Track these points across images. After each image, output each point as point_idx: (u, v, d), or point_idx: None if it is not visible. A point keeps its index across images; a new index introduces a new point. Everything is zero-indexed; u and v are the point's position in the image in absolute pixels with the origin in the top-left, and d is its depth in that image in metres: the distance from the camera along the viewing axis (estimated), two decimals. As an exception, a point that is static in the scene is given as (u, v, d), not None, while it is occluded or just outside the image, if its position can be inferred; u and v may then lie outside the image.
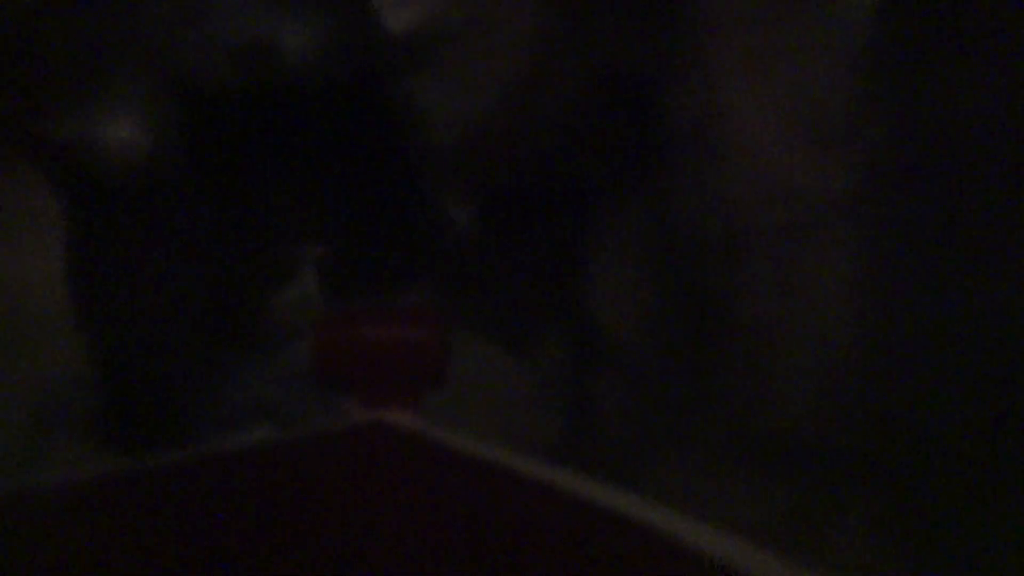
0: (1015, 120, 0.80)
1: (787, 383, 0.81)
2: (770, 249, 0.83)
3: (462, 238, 0.85)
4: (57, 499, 0.46)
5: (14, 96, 0.75)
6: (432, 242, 0.85)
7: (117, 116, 0.78)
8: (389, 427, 0.55)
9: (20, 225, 0.75)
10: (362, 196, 0.84)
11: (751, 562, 0.44)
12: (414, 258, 0.84)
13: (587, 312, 0.84)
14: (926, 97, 0.83)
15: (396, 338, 0.61)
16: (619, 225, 0.85)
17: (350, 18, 0.83)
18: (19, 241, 0.75)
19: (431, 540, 0.44)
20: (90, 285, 0.78)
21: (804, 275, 0.82)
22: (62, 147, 0.76)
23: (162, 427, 0.78)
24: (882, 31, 0.83)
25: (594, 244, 0.84)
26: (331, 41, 0.82)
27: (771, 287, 0.83)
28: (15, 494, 0.45)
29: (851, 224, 0.82)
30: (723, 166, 0.86)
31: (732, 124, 0.87)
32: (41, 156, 0.76)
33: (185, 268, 0.80)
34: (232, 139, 0.81)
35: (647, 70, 0.86)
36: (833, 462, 0.81)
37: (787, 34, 0.84)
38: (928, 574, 0.77)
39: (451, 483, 0.49)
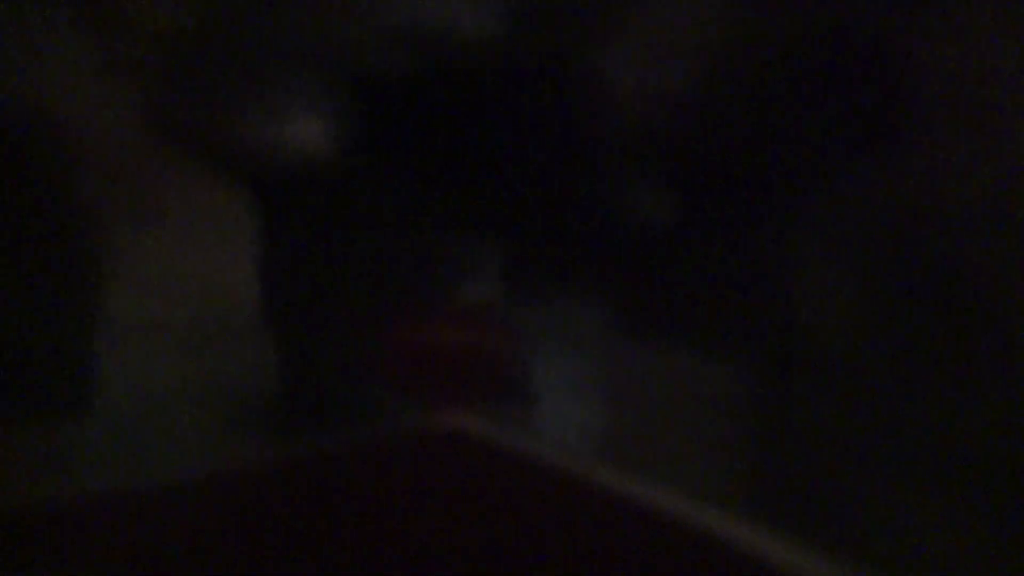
0: None
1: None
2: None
3: (654, 229, 0.74)
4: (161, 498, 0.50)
5: (199, 98, 0.73)
6: (621, 235, 0.75)
7: (295, 112, 0.74)
8: (460, 433, 0.55)
9: (208, 227, 0.73)
10: (544, 187, 0.75)
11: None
12: (601, 254, 0.75)
13: (796, 313, 0.71)
14: None
15: (460, 340, 0.62)
16: (838, 208, 0.71)
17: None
18: (208, 243, 0.72)
19: (500, 551, 0.44)
20: (276, 283, 0.74)
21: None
22: (246, 147, 0.73)
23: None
24: None
25: (806, 231, 0.71)
26: (510, 16, 0.75)
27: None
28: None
29: None
30: (982, 133, 0.71)
31: (992, 84, 0.72)
32: (226, 157, 0.73)
33: (364, 265, 0.74)
34: (408, 130, 0.75)
35: (881, 24, 0.73)
36: None
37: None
38: None
39: (523, 492, 0.49)
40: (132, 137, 0.71)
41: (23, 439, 0.64)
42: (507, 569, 0.43)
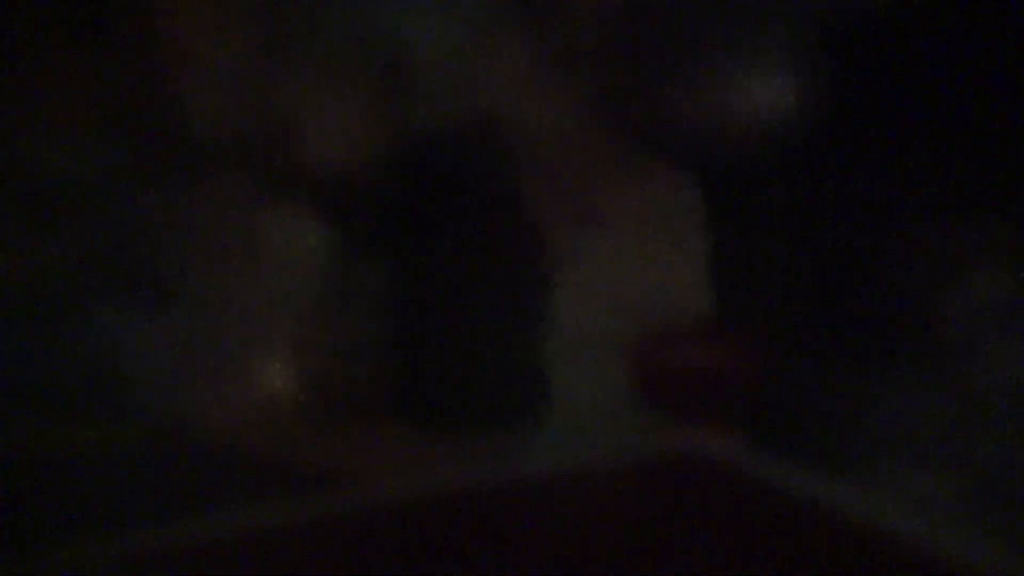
0: None
1: None
2: None
3: None
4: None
5: (644, 81, 0.66)
6: None
7: (747, 79, 0.64)
8: (703, 456, 0.53)
9: (656, 227, 0.67)
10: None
11: None
12: None
13: None
14: None
15: (711, 358, 0.61)
16: None
17: None
18: (656, 245, 0.66)
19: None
20: (725, 279, 0.66)
21: None
22: (692, 125, 0.66)
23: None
24: None
25: None
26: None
27: None
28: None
29: None
30: None
31: None
32: (676, 146, 0.66)
33: (822, 259, 0.64)
34: (884, 90, 0.62)
35: None
36: None
37: None
38: None
39: (771, 526, 0.47)
40: (576, 132, 0.65)
41: (472, 447, 0.63)
42: None
